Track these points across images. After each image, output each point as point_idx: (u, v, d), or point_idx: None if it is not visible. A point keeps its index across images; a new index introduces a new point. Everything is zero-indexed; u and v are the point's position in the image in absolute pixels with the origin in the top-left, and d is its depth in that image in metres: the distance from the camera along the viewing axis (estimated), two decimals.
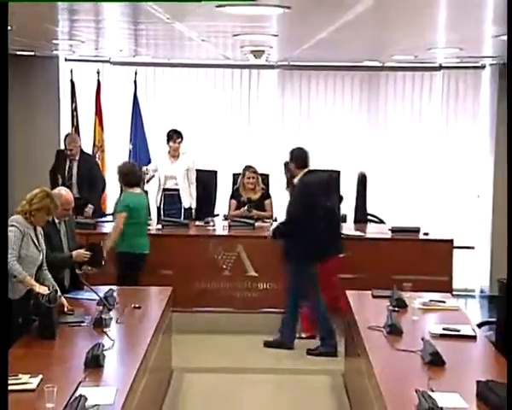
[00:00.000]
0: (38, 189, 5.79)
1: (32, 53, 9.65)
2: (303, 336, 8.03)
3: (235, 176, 9.44)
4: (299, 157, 7.61)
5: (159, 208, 9.11)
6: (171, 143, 9.00)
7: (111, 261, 7.27)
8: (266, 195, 9.22)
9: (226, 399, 6.63)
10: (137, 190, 7.64)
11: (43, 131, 10.30)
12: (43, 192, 5.69)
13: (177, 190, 9.02)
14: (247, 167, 9.15)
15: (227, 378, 7.05)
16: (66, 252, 6.40)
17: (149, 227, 8.49)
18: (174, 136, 9.01)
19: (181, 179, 8.97)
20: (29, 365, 4.65)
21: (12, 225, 5.47)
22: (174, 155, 9.02)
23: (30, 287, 5.54)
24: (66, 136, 9.36)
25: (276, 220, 8.80)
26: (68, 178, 8.87)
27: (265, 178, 9.49)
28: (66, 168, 8.99)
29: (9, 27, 5.99)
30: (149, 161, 9.90)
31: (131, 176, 7.62)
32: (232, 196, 9.20)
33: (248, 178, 9.04)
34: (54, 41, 7.83)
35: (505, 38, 6.12)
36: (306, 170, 7.55)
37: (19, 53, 9.58)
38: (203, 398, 6.64)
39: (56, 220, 6.30)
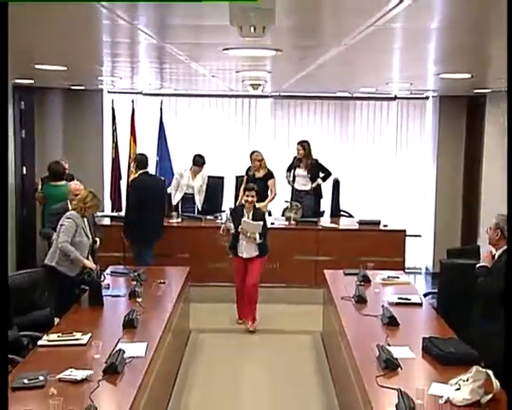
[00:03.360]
0: (85, 191, 5.88)
1: (83, 87, 9.64)
2: (251, 329, 7.17)
3: (238, 178, 9.29)
4: (139, 161, 7.80)
5: (176, 206, 9.05)
6: (195, 167, 8.85)
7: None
8: (270, 175, 8.61)
9: (231, 352, 6.66)
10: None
11: (91, 147, 10.27)
12: (92, 193, 5.82)
13: (193, 194, 8.97)
14: (252, 153, 8.79)
15: (232, 337, 7.07)
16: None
17: (171, 220, 8.47)
18: (200, 161, 8.87)
19: (196, 190, 8.94)
20: (81, 325, 4.68)
21: (69, 218, 5.61)
22: (195, 174, 8.96)
23: (81, 263, 5.57)
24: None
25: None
26: None
27: None
28: None
29: (65, 68, 6.01)
30: (172, 169, 9.94)
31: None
32: (246, 172, 8.76)
33: (252, 160, 8.70)
34: (99, 78, 7.82)
35: (444, 76, 6.13)
36: (143, 171, 7.67)
37: (72, 87, 9.57)
38: (213, 352, 6.67)
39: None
